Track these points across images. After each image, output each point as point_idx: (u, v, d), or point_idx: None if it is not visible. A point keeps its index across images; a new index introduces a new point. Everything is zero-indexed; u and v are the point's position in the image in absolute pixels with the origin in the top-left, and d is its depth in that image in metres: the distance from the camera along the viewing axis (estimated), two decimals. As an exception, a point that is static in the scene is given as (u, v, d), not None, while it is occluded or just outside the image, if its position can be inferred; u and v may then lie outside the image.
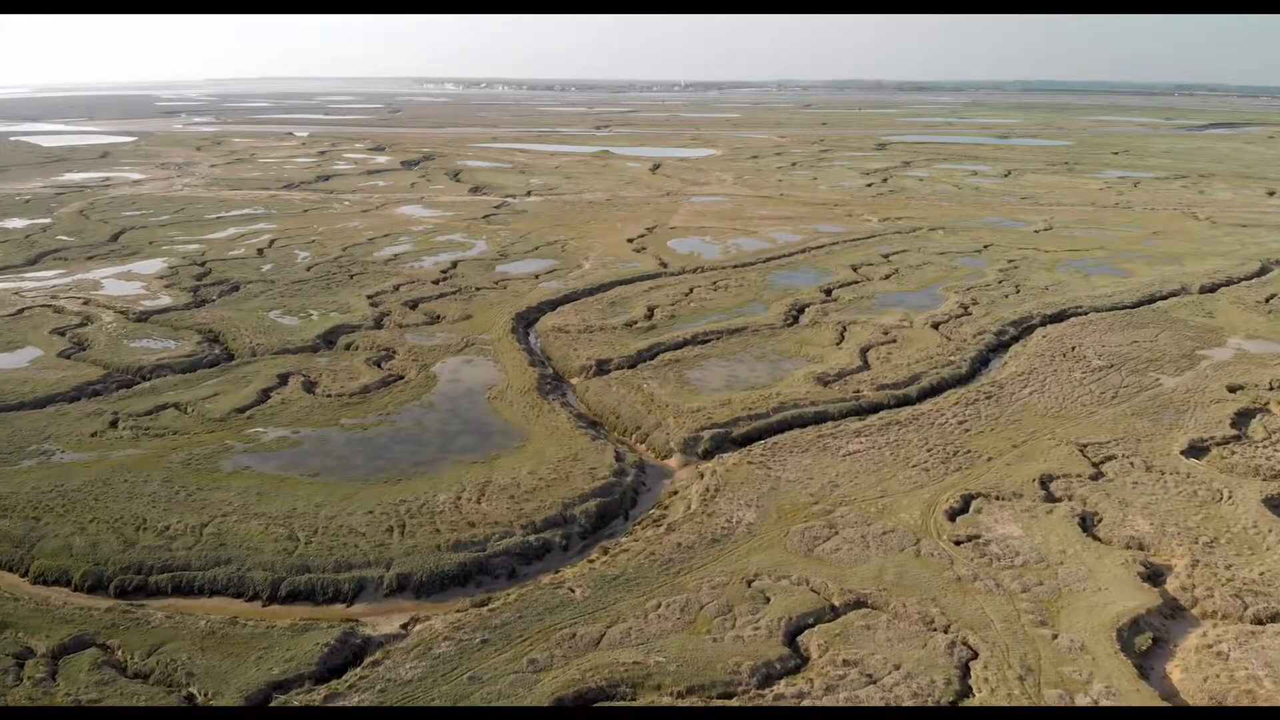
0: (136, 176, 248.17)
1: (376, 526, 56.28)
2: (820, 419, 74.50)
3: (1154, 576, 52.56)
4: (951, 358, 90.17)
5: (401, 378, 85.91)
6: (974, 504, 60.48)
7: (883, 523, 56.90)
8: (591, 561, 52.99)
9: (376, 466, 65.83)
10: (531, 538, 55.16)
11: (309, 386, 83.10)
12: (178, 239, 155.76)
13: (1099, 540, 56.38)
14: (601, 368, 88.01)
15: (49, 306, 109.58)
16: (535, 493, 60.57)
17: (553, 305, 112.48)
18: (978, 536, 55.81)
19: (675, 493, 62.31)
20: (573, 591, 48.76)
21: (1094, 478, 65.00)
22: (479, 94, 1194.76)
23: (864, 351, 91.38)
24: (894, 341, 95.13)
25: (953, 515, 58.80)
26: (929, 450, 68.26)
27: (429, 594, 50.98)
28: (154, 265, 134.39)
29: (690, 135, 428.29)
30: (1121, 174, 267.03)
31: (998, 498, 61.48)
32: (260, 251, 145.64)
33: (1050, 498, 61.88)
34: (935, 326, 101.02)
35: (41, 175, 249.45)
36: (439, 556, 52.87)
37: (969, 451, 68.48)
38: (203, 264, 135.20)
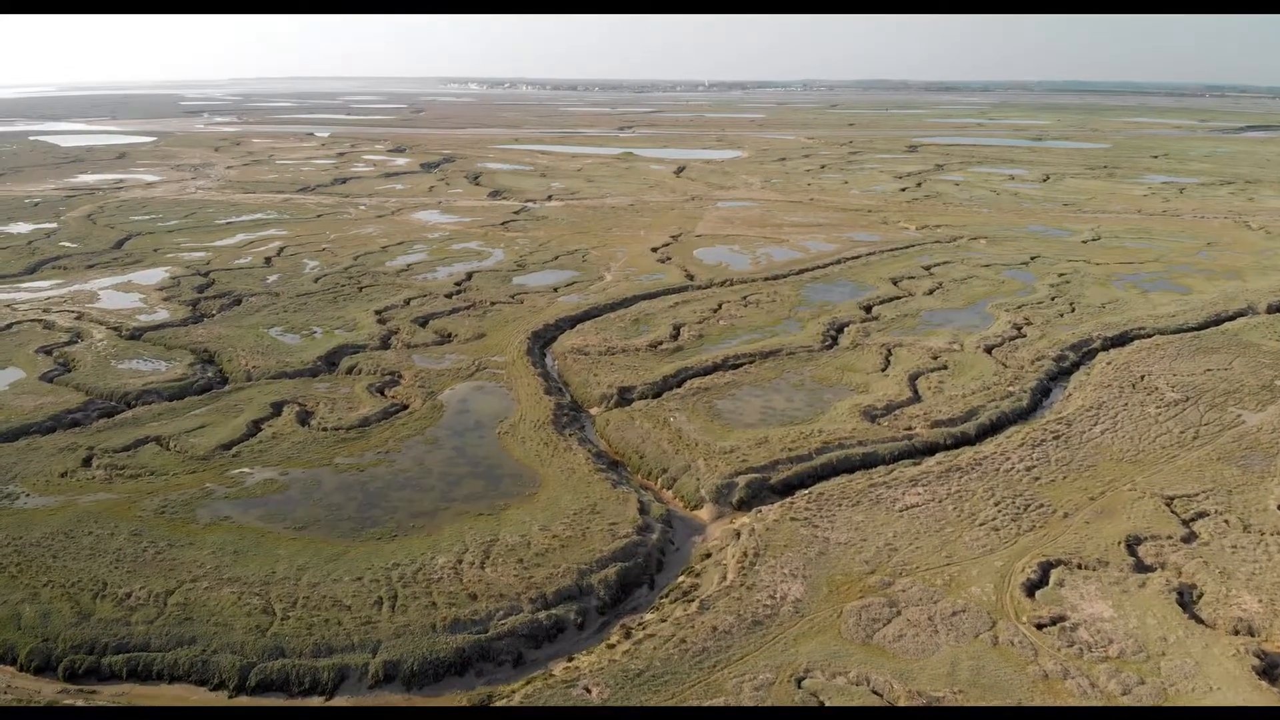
0: (150, 178, 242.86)
1: (364, 598, 48.84)
2: (869, 462, 66.51)
3: (1270, 670, 44.42)
4: (1010, 388, 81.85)
5: (405, 407, 78.58)
6: (1054, 574, 52.33)
7: (951, 599, 48.88)
8: (611, 646, 45.29)
9: (370, 518, 58.44)
10: (542, 615, 47.53)
11: (304, 418, 75.91)
12: (184, 246, 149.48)
13: (1202, 622, 48.18)
14: (624, 397, 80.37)
15: (40, 321, 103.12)
16: (547, 555, 52.94)
17: (572, 322, 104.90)
18: (1063, 619, 47.68)
19: (708, 555, 54.47)
20: (588, 692, 41.09)
21: (1186, 539, 56.72)
22: (502, 94, 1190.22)
23: (913, 380, 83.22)
24: (945, 368, 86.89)
25: (1031, 589, 50.69)
26: (996, 504, 60.11)
27: (421, 685, 43.49)
28: (155, 275, 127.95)
29: (715, 136, 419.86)
30: (1164, 179, 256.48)
31: (1080, 566, 53.30)
32: (268, 260, 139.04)
33: (1140, 566, 53.64)
34: (989, 350, 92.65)
35: (55, 176, 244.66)
36: (434, 639, 45.34)
37: (1041, 505, 60.28)
38: (206, 274, 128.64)
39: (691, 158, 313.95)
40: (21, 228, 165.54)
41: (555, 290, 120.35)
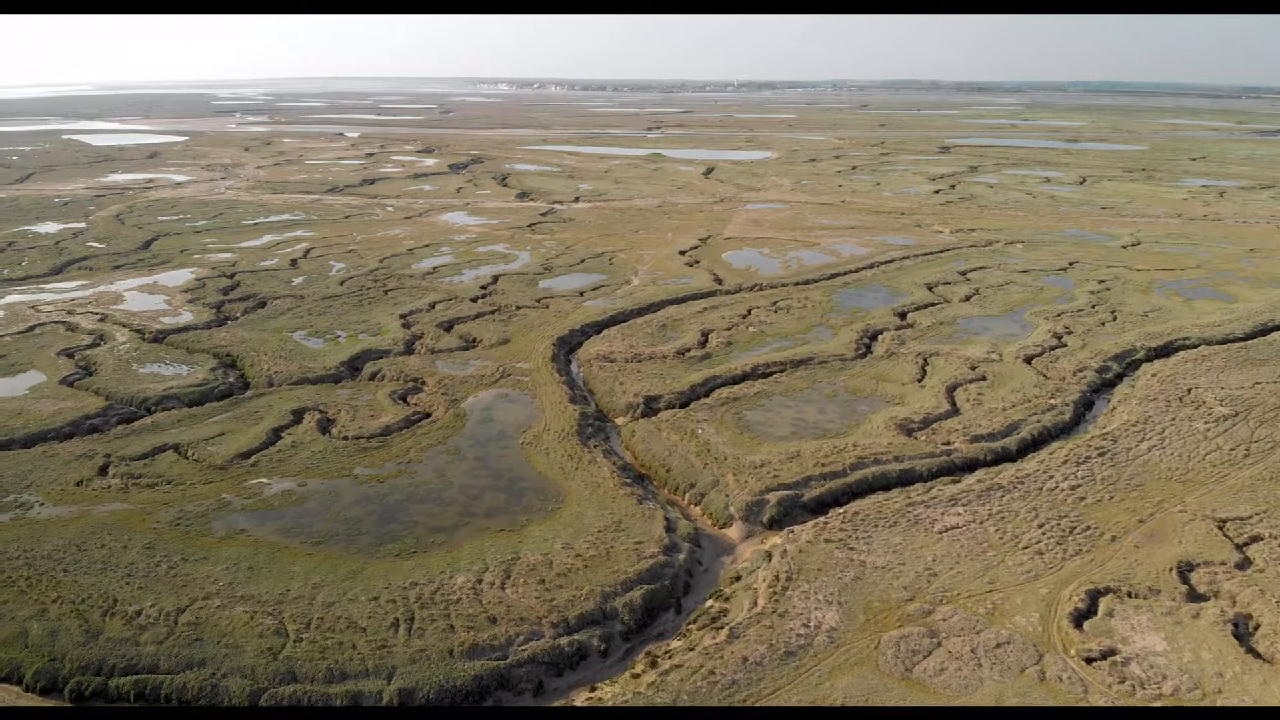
0: (180, 178, 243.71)
1: (380, 619, 47.01)
2: (907, 479, 63.90)
3: (1338, 709, 41.55)
4: (1051, 401, 78.85)
5: (428, 415, 76.87)
6: (1103, 603, 49.56)
7: (995, 629, 46.29)
8: (636, 676, 43.13)
9: (389, 533, 56.66)
10: (564, 640, 45.47)
11: (324, 425, 74.38)
12: (210, 247, 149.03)
13: (1259, 657, 45.27)
14: (650, 406, 78.23)
15: (63, 323, 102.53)
16: (570, 576, 50.87)
17: (598, 328, 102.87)
18: (1114, 652, 44.96)
19: (738, 578, 52.15)
20: (612, 727, 39.03)
21: (1240, 566, 53.72)
22: (531, 94, 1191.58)
23: (950, 391, 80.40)
24: (983, 379, 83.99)
25: (1079, 619, 47.95)
26: (1041, 526, 57.37)
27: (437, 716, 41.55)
28: (181, 277, 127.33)
29: (744, 137, 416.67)
30: (1203, 182, 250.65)
31: (1130, 594, 50.50)
32: (294, 262, 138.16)
33: (1193, 595, 50.75)
34: (1028, 361, 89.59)
35: (86, 176, 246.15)
36: (451, 666, 43.41)
37: (1088, 528, 57.45)
38: (231, 276, 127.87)
39: (720, 158, 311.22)
40: (50, 227, 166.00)
41: (581, 294, 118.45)
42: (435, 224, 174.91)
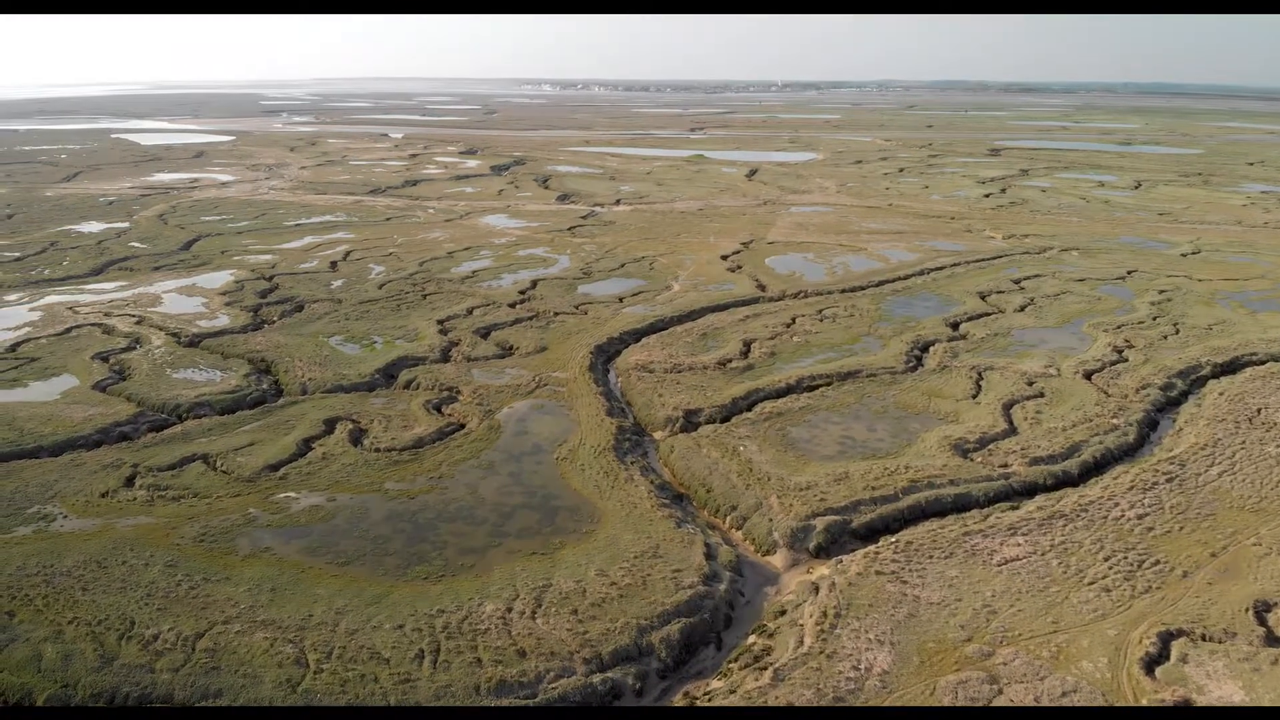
0: (225, 178, 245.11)
1: (405, 650, 44.65)
2: (962, 505, 60.39)
3: None
4: (1114, 421, 74.73)
5: (462, 427, 74.68)
6: (1175, 646, 45.83)
7: (1060, 675, 42.84)
8: (673, 720, 40.37)
9: (417, 554, 54.39)
10: (596, 678, 42.76)
11: (356, 436, 72.47)
12: (251, 248, 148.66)
13: (1350, 709, 41.48)
14: (690, 420, 75.34)
15: (100, 325, 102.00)
16: (604, 606, 48.17)
17: (636, 336, 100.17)
18: (1188, 703, 41.35)
19: (782, 612, 49.09)
20: (647, 780, 36.27)
21: (1323, 606, 49.73)
22: (575, 95, 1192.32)
23: (1007, 409, 76.54)
24: (1041, 396, 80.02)
25: (1150, 665, 44.30)
26: (1107, 559, 53.65)
27: (461, 758, 39.14)
28: (220, 279, 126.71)
29: (789, 138, 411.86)
30: (1263, 188, 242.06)
31: (1205, 637, 46.71)
32: (333, 265, 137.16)
33: (1271, 638, 46.76)
34: (1088, 376, 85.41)
35: (132, 175, 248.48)
36: (477, 703, 40.91)
37: (1157, 562, 53.62)
38: (270, 278, 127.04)
39: (764, 160, 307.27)
40: (93, 226, 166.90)
41: (621, 300, 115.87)
42: (476, 226, 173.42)
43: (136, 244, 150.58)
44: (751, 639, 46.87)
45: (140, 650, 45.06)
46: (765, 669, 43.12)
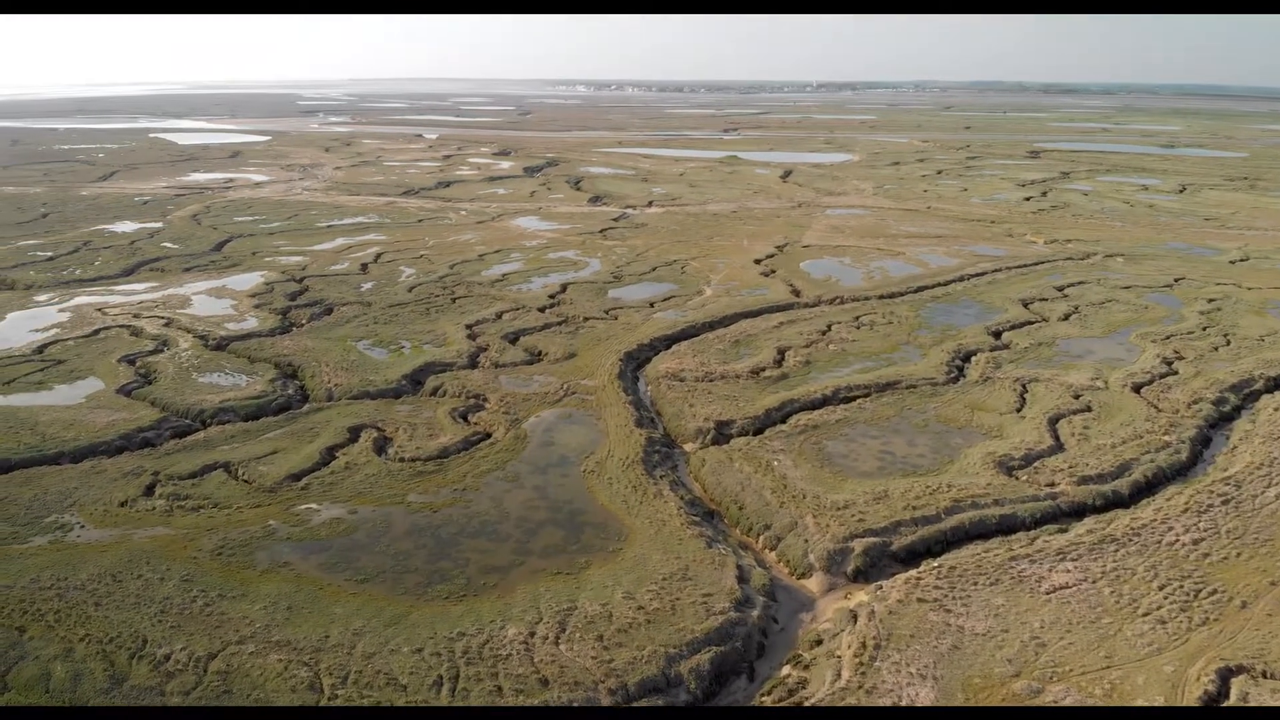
0: (259, 178, 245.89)
1: (423, 676, 42.76)
2: (1008, 526, 57.56)
3: None
4: (1165, 437, 71.40)
5: (488, 436, 72.86)
6: (1236, 684, 42.84)
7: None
8: (703, 759, 38.12)
9: (439, 571, 52.53)
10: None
11: (381, 445, 70.87)
12: (282, 249, 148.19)
13: None
14: (721, 432, 72.98)
15: (128, 327, 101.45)
16: (630, 633, 46.00)
17: (667, 342, 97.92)
18: (1257, 750, 38.53)
19: (818, 641, 46.62)
20: (674, 827, 34.04)
21: (1396, 642, 46.47)
22: (609, 95, 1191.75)
23: (1053, 424, 73.39)
24: (1088, 410, 76.79)
25: (1209, 704, 41.49)
26: (1161, 588, 50.67)
27: (478, 796, 37.16)
28: (250, 280, 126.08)
29: (824, 139, 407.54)
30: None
31: (1266, 674, 43.64)
32: (364, 267, 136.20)
33: (1339, 676, 43.79)
34: (1137, 390, 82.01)
35: (168, 174, 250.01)
36: (496, 738, 38.96)
37: (1215, 591, 50.56)
38: (300, 280, 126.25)
39: (798, 161, 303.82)
40: (127, 226, 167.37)
41: (652, 305, 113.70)
42: (507, 228, 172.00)
43: (169, 244, 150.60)
44: (786, 670, 44.47)
45: (151, 671, 43.55)
46: (801, 704, 40.69)
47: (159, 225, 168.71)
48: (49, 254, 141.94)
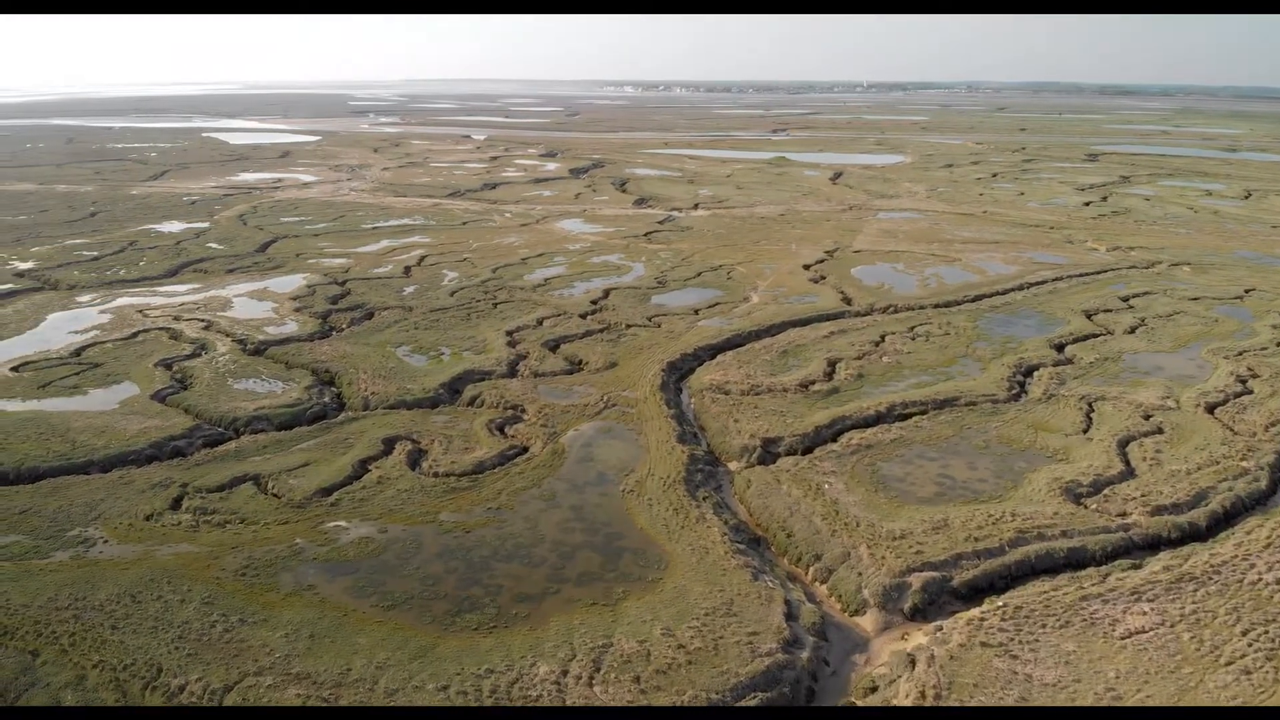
0: (307, 179, 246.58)
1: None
2: (1077, 561, 53.46)
3: None
4: (1244, 464, 66.57)
5: (525, 450, 70.24)
6: (1339, 748, 38.81)
7: (1207, 789, 36.23)
8: (746, 823, 34.91)
9: (468, 599, 49.86)
10: (659, 765, 37.57)
11: (415, 458, 68.55)
12: (326, 251, 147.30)
13: None
14: (768, 450, 69.58)
15: (167, 330, 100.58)
16: (670, 675, 42.88)
17: (712, 352, 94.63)
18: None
19: (874, 688, 43.14)
20: None
21: None
22: (656, 96, 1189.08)
23: (1122, 447, 68.90)
24: (1160, 432, 72.14)
25: (1312, 774, 37.47)
26: (1245, 633, 46.38)
27: None
28: (292, 283, 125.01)
29: (875, 140, 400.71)
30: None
31: (1375, 738, 39.49)
32: (407, 270, 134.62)
33: None
34: (1210, 410, 77.09)
35: (218, 174, 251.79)
36: (522, 792, 36.11)
37: (1308, 640, 46.20)
38: (343, 283, 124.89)
39: (849, 163, 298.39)
40: (174, 226, 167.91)
41: (696, 312, 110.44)
42: (551, 231, 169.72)
43: (214, 245, 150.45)
44: (838, 722, 41.11)
45: (164, 703, 41.36)
46: (854, 763, 37.33)
47: (205, 225, 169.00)
48: (94, 254, 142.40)
